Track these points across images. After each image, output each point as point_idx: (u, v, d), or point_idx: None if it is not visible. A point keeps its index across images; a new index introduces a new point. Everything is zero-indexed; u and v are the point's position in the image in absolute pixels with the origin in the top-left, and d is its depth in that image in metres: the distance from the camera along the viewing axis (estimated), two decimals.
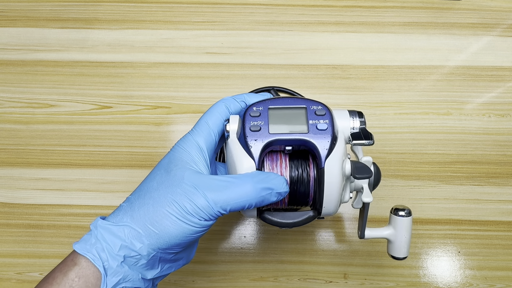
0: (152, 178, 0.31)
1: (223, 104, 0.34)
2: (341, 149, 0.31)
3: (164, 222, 0.28)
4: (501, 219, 0.53)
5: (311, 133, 0.30)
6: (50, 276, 0.29)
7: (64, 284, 0.28)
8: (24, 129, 0.56)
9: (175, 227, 0.28)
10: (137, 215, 0.29)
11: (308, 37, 0.57)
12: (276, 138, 0.30)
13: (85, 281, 0.28)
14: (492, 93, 0.56)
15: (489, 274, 0.52)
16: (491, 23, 0.58)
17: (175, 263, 0.32)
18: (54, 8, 0.58)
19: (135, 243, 0.28)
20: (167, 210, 0.28)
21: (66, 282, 0.28)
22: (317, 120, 0.31)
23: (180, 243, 0.29)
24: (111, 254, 0.28)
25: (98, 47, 0.57)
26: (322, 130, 0.30)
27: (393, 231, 0.37)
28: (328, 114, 0.32)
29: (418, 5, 0.58)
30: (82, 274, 0.28)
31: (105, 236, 0.28)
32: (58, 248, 0.53)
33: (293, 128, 0.31)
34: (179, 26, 0.58)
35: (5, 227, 0.54)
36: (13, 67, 0.57)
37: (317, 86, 0.56)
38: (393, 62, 0.57)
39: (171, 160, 0.31)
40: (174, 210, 0.28)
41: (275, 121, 0.31)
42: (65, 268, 0.29)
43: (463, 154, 0.55)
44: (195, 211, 0.28)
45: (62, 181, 0.54)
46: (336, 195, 0.30)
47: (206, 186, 0.28)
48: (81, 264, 0.28)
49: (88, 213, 0.53)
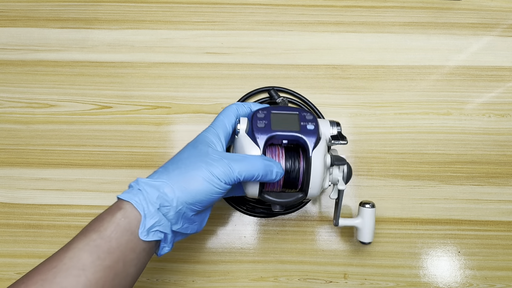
0: (182, 152, 0.39)
1: (235, 106, 0.43)
2: (324, 146, 0.40)
3: (193, 181, 0.36)
4: (501, 219, 0.53)
5: (302, 132, 0.39)
6: (99, 217, 0.35)
7: (112, 222, 0.34)
8: (24, 129, 0.56)
9: (201, 186, 0.36)
10: (172, 175, 0.36)
11: (308, 37, 0.57)
12: (276, 133, 0.39)
13: (129, 221, 0.34)
14: (492, 93, 0.56)
15: (489, 274, 0.52)
16: (491, 23, 0.58)
17: (191, 225, 0.39)
18: (54, 8, 0.58)
19: (169, 195, 0.35)
20: (196, 173, 0.36)
21: (114, 221, 0.34)
22: (306, 123, 0.40)
23: (203, 200, 0.36)
24: (149, 202, 0.35)
25: (98, 47, 0.57)
26: (310, 130, 0.40)
27: (361, 220, 0.48)
28: (314, 120, 0.41)
29: (418, 5, 0.58)
30: (126, 215, 0.35)
31: (146, 188, 0.36)
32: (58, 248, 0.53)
33: (289, 127, 0.40)
34: (179, 26, 0.58)
35: (5, 227, 0.54)
36: (13, 67, 0.57)
37: (317, 86, 0.56)
38: (393, 62, 0.57)
39: (197, 141, 0.39)
40: (202, 172, 0.36)
41: (275, 122, 0.40)
42: (112, 212, 0.35)
43: (463, 154, 0.55)
44: (219, 175, 0.36)
45: (62, 181, 0.54)
46: (319, 180, 0.39)
47: (228, 157, 0.37)
48: (126, 208, 0.35)
49: (88, 213, 0.53)
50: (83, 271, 0.32)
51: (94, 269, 0.32)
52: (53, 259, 0.33)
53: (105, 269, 0.33)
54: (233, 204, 0.53)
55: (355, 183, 0.54)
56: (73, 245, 0.33)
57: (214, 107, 0.56)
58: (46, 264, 0.32)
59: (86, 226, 0.35)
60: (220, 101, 0.56)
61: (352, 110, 0.56)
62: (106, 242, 0.33)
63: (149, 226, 0.34)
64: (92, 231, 0.34)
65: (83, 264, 0.32)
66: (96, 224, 0.35)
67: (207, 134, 0.40)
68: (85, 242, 0.33)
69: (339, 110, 0.56)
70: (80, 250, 0.33)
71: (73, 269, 0.32)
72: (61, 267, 0.32)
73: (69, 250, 0.33)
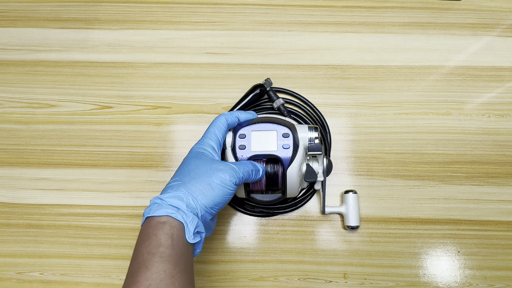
0: (188, 164, 0.43)
1: (223, 117, 0.46)
2: (300, 157, 0.46)
3: (210, 187, 0.40)
4: (500, 219, 0.53)
5: (279, 150, 0.46)
6: (146, 236, 0.38)
7: (165, 233, 0.37)
8: (24, 129, 0.56)
9: (218, 190, 0.41)
10: (189, 185, 0.40)
11: (308, 37, 0.57)
12: (256, 153, 0.46)
13: (177, 230, 0.38)
14: (491, 93, 0.56)
15: (489, 274, 0.52)
16: (490, 23, 0.58)
17: (207, 229, 0.42)
18: (54, 8, 0.58)
19: (192, 202, 0.40)
20: (211, 180, 0.41)
21: (165, 232, 0.37)
22: (283, 141, 0.46)
23: (219, 203, 0.41)
24: (183, 211, 0.39)
25: (99, 47, 0.57)
26: (286, 148, 0.46)
27: (345, 206, 0.52)
28: (291, 136, 0.46)
29: (418, 5, 0.58)
30: (173, 226, 0.38)
31: (173, 202, 0.39)
32: (58, 248, 0.53)
33: (267, 147, 0.46)
34: (179, 26, 0.58)
35: (6, 227, 0.54)
36: (13, 67, 0.57)
37: (317, 86, 0.56)
38: (393, 62, 0.57)
39: (198, 154, 0.44)
40: (216, 178, 0.41)
41: (255, 142, 0.46)
42: (157, 227, 0.38)
43: (462, 154, 0.55)
44: (230, 177, 0.41)
45: (62, 181, 0.54)
46: (296, 186, 0.47)
47: (230, 163, 0.43)
48: (168, 221, 0.38)
49: (88, 213, 0.54)
50: (173, 278, 0.35)
51: (179, 274, 0.36)
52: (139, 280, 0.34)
53: (185, 272, 0.37)
54: (233, 204, 0.53)
55: (355, 183, 0.54)
56: (148, 262, 0.35)
57: (214, 107, 0.56)
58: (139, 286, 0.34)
59: (140, 246, 0.37)
60: (220, 101, 0.56)
61: (352, 110, 0.56)
62: (172, 251, 0.36)
63: (193, 229, 0.39)
64: (155, 246, 0.36)
65: (170, 273, 0.35)
66: (151, 242, 0.37)
67: (204, 146, 0.45)
68: (158, 255, 0.36)
69: (339, 110, 0.56)
70: (160, 263, 0.35)
71: (166, 280, 0.35)
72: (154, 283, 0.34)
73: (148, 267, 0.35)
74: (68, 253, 0.53)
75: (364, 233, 0.53)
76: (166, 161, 0.55)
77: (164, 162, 0.55)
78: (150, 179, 0.54)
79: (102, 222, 0.53)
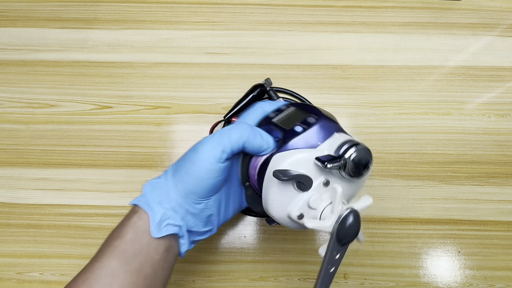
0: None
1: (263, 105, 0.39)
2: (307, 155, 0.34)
3: (184, 167, 0.34)
4: (500, 219, 0.53)
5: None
6: (119, 225, 0.36)
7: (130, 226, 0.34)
8: (24, 129, 0.56)
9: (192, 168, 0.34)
10: (169, 170, 0.36)
11: (308, 37, 0.57)
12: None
13: (145, 222, 0.34)
14: (492, 93, 0.56)
15: (489, 274, 0.52)
16: (491, 23, 0.58)
17: (201, 222, 0.36)
18: (54, 8, 0.58)
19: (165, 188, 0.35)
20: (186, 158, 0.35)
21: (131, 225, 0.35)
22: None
23: (205, 186, 0.34)
24: (152, 199, 0.35)
25: (98, 47, 0.57)
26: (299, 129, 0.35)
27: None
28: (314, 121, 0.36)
29: (418, 5, 0.58)
30: (141, 217, 0.34)
31: (147, 187, 0.36)
32: (58, 248, 0.53)
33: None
34: (179, 26, 0.58)
35: (5, 227, 0.54)
36: (13, 67, 0.57)
37: (317, 86, 0.56)
38: (393, 62, 0.57)
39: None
40: (192, 154, 0.34)
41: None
42: (129, 217, 0.36)
43: (463, 154, 0.55)
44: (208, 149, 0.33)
45: (62, 181, 0.54)
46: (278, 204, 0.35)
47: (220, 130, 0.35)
48: (140, 211, 0.35)
49: (88, 213, 0.53)
50: (114, 278, 0.32)
51: (124, 275, 0.32)
52: (85, 271, 0.33)
53: (134, 273, 0.33)
54: None
55: None
56: (101, 254, 0.34)
57: (214, 107, 0.56)
58: (79, 277, 0.33)
59: (109, 234, 0.36)
60: (220, 101, 0.56)
61: (352, 110, 0.56)
62: (130, 246, 0.33)
63: (157, 221, 0.34)
64: (114, 237, 0.35)
65: (113, 271, 0.32)
66: (117, 231, 0.35)
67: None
68: (110, 250, 0.33)
69: (339, 110, 0.56)
70: (108, 258, 0.33)
71: (105, 278, 0.32)
72: (93, 278, 0.32)
73: (97, 260, 0.33)
74: (68, 253, 0.53)
75: (364, 233, 0.53)
76: (166, 161, 0.55)
77: (164, 162, 0.55)
78: (150, 179, 0.54)
79: (102, 222, 0.53)
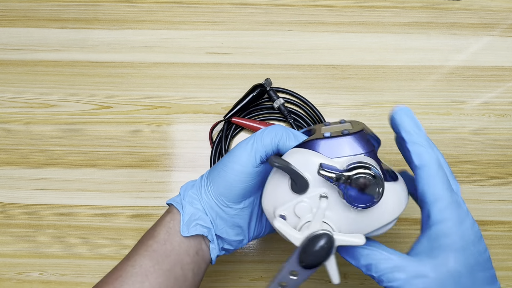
0: None
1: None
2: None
3: (217, 169, 0.35)
4: (501, 219, 0.53)
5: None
6: (154, 225, 0.36)
7: (163, 225, 0.35)
8: (24, 129, 0.56)
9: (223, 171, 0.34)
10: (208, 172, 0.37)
11: (308, 37, 0.57)
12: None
13: (177, 223, 0.35)
14: (492, 93, 0.56)
15: None
16: (491, 23, 0.58)
17: (231, 230, 0.36)
18: (54, 8, 0.58)
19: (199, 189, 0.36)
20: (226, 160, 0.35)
21: (164, 224, 0.35)
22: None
23: (226, 187, 0.34)
24: (185, 199, 0.36)
25: (98, 47, 0.57)
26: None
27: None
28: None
29: (418, 5, 0.58)
30: (174, 217, 0.35)
31: (184, 187, 0.37)
32: (58, 248, 0.53)
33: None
34: (179, 26, 0.58)
35: (5, 227, 0.54)
36: (13, 67, 0.57)
37: (317, 86, 0.56)
38: (393, 62, 0.57)
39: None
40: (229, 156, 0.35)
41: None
42: (163, 217, 0.36)
43: (463, 154, 0.55)
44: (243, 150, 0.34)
45: (62, 181, 0.54)
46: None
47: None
48: (173, 211, 0.36)
49: (88, 213, 0.53)
50: (146, 276, 0.33)
51: (156, 274, 0.33)
52: (118, 269, 0.34)
53: (165, 273, 0.33)
54: None
55: None
56: (134, 253, 0.34)
57: (214, 107, 0.56)
58: (112, 274, 0.34)
59: (144, 234, 0.36)
60: (220, 101, 0.56)
61: (352, 110, 0.56)
62: (161, 246, 0.34)
63: (186, 219, 0.34)
64: (148, 237, 0.35)
65: (145, 270, 0.33)
66: (150, 230, 0.36)
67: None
68: (143, 248, 0.34)
69: (339, 110, 0.56)
70: (141, 256, 0.33)
71: (137, 276, 0.33)
72: (126, 275, 0.33)
73: (131, 258, 0.34)
74: (68, 253, 0.53)
75: None
76: (166, 161, 0.55)
77: (164, 162, 0.55)
78: (150, 179, 0.54)
79: (101, 222, 0.53)
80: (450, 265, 0.29)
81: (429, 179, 0.30)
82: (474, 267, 0.30)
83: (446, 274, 0.29)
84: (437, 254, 0.29)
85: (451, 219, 0.29)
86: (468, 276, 0.30)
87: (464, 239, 0.29)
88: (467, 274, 0.29)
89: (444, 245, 0.29)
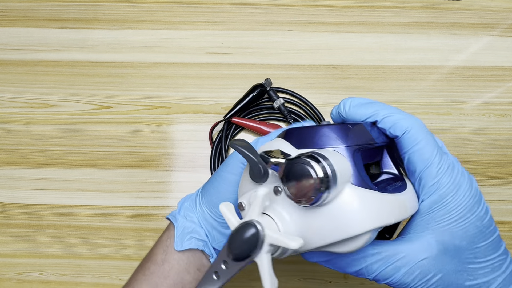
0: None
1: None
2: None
3: (211, 181, 0.34)
4: (501, 219, 0.53)
5: None
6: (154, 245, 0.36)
7: (160, 245, 0.34)
8: (24, 129, 0.56)
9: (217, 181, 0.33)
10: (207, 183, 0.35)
11: (308, 37, 0.57)
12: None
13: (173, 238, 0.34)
14: (492, 93, 0.56)
15: None
16: (491, 23, 0.58)
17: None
18: (54, 8, 0.58)
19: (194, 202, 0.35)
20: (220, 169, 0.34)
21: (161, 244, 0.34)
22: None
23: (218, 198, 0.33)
24: (179, 213, 0.35)
25: (98, 47, 0.57)
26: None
27: None
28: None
29: (418, 5, 0.58)
30: (170, 235, 0.34)
31: (181, 201, 0.36)
32: (58, 248, 0.53)
33: None
34: (179, 26, 0.58)
35: (5, 227, 0.54)
36: (13, 67, 0.57)
37: (317, 86, 0.56)
38: (393, 62, 0.57)
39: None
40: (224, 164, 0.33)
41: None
42: (161, 236, 0.35)
43: (463, 154, 0.55)
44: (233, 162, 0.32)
45: (62, 181, 0.54)
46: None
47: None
48: (169, 228, 0.35)
49: (88, 213, 0.53)
50: None
51: None
52: None
53: None
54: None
55: None
56: (133, 279, 0.33)
57: (214, 107, 0.56)
58: None
59: (145, 256, 0.35)
60: (220, 101, 0.56)
61: None
62: (159, 267, 0.32)
63: (179, 233, 0.32)
64: (146, 259, 0.34)
65: None
66: (150, 251, 0.34)
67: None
68: (141, 272, 0.33)
69: None
70: (138, 282, 0.32)
71: None
72: None
73: (129, 285, 0.33)
74: (68, 253, 0.53)
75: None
76: (166, 161, 0.55)
77: (164, 162, 0.55)
78: (150, 179, 0.54)
79: (101, 222, 0.53)
80: (446, 242, 0.26)
81: (414, 146, 0.27)
82: (474, 238, 0.27)
83: (442, 253, 0.26)
84: (431, 232, 0.26)
85: (445, 186, 0.26)
86: (469, 249, 0.27)
87: (460, 207, 0.26)
88: (467, 247, 0.27)
89: (440, 219, 0.26)
